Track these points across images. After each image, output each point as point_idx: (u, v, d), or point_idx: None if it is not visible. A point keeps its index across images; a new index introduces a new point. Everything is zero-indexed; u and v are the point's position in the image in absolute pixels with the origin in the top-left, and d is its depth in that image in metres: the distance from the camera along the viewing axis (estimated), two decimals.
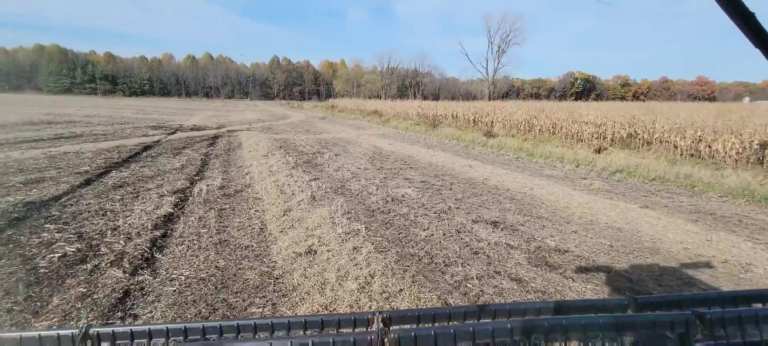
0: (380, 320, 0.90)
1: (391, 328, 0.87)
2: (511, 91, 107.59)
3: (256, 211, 5.80)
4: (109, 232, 4.71)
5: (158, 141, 13.95)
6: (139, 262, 3.94)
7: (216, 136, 16.18)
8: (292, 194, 6.54)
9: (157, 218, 5.25)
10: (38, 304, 3.13)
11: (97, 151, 11.12)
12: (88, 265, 3.80)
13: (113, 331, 0.87)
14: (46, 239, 4.42)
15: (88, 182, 7.32)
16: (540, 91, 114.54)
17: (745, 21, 0.71)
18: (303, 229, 4.93)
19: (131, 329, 0.87)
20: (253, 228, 5.07)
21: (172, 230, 4.92)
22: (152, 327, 0.88)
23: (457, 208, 6.17)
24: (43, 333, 0.83)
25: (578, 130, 17.09)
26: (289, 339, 0.79)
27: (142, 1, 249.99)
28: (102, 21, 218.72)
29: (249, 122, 25.33)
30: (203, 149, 12.32)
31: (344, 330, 0.93)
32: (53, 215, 5.25)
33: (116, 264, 3.85)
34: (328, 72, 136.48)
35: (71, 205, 5.76)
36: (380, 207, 6.08)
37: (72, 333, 0.84)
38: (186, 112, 36.49)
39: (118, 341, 0.87)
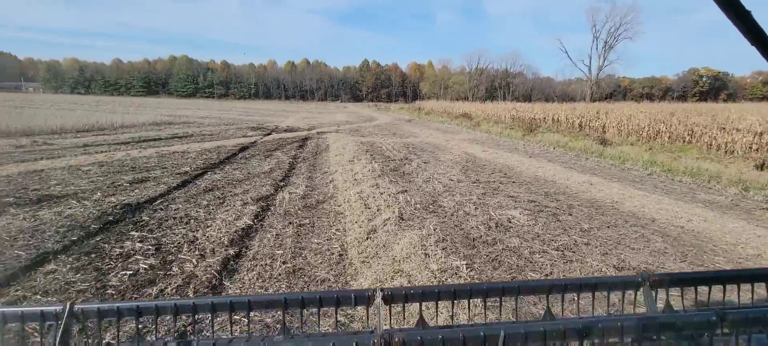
0: (381, 297, 0.91)
1: (392, 307, 0.93)
2: (616, 92, 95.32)
3: (336, 230, 5.10)
4: (186, 246, 4.38)
5: (254, 142, 14.52)
6: (205, 290, 3.42)
7: (306, 139, 16.44)
8: (378, 210, 5.73)
9: (235, 231, 4.84)
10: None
11: (200, 151, 11.79)
12: (154, 289, 3.39)
13: (98, 308, 0.87)
14: (126, 249, 4.21)
15: (184, 184, 7.46)
16: (653, 92, 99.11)
17: (742, 19, 0.70)
18: (389, 259, 4.05)
19: (118, 307, 0.88)
20: (332, 253, 4.33)
21: (246, 248, 4.43)
22: (141, 304, 0.89)
23: (586, 244, 4.72)
24: (26, 310, 0.83)
25: (728, 140, 13.58)
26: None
27: (254, 15, 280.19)
28: (221, 33, 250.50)
29: (338, 124, 25.79)
30: (293, 152, 12.36)
31: (344, 308, 1.04)
32: (142, 221, 5.17)
33: (182, 290, 3.39)
34: (415, 74, 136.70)
35: (161, 209, 5.71)
36: (482, 235, 4.92)
37: (56, 310, 0.84)
38: (283, 113, 39.02)
39: (104, 319, 0.88)
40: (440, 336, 0.78)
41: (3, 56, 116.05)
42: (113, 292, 3.33)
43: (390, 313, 1.09)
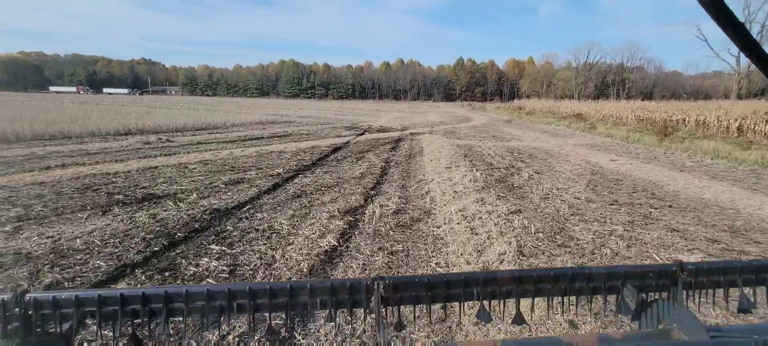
0: (381, 288, 0.88)
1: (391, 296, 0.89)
2: None
3: (436, 264, 4.03)
4: (262, 269, 3.75)
5: (347, 143, 14.25)
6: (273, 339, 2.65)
7: (399, 140, 15.70)
8: (488, 239, 4.50)
9: (317, 254, 4.09)
10: None
11: (296, 151, 11.79)
12: (213, 335, 2.73)
13: (54, 297, 0.80)
14: (201, 269, 3.73)
15: (274, 188, 7.14)
16: None
17: (736, 31, 0.70)
18: (516, 328, 2.82)
19: (76, 296, 0.81)
20: None
21: None
22: (102, 293, 0.82)
23: None
24: None
25: None
26: None
27: (353, 19, 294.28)
28: (325, 38, 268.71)
29: (431, 125, 24.72)
30: (385, 154, 11.66)
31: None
32: (225, 231, 4.77)
33: (245, 336, 2.67)
34: (512, 71, 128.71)
35: (246, 218, 5.30)
36: None
37: (3, 299, 0.78)
38: (376, 113, 39.35)
39: (62, 309, 0.81)
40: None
41: (154, 65, 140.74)
42: (172, 329, 2.75)
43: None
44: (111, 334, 0.82)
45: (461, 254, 4.17)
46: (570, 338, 0.85)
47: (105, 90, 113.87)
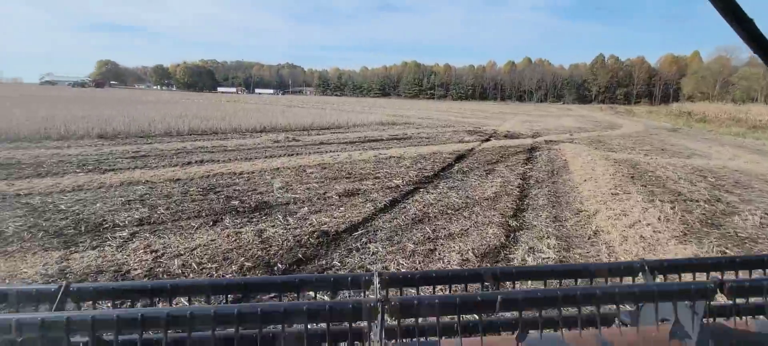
0: (378, 282, 0.90)
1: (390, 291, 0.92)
2: None
3: None
4: None
5: (471, 150, 12.63)
6: None
7: (532, 149, 13.37)
8: None
9: None
10: None
11: (415, 157, 10.71)
12: None
13: (94, 288, 0.88)
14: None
15: (392, 204, 6.08)
16: None
17: (744, 27, 0.71)
18: None
19: (114, 287, 0.88)
20: None
21: None
22: (137, 285, 0.90)
23: None
24: (22, 288, 0.82)
25: None
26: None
27: (477, 18, 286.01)
28: (446, 39, 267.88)
29: (568, 131, 21.18)
30: (519, 167, 9.71)
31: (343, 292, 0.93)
32: (330, 266, 3.80)
33: None
34: (669, 69, 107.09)
35: (356, 248, 4.28)
36: None
37: (51, 290, 0.83)
38: (500, 116, 36.31)
39: (99, 301, 0.89)
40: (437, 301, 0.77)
41: (295, 68, 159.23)
42: None
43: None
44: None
45: None
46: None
47: (256, 90, 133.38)
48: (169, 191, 6.35)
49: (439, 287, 0.98)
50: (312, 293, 0.91)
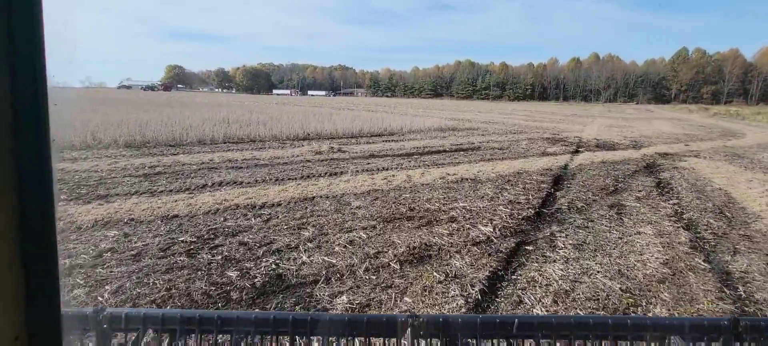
0: (410, 325, 0.89)
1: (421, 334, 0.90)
2: None
3: None
4: None
5: (565, 166, 9.59)
6: None
7: (650, 167, 9.97)
8: None
9: None
10: None
11: (495, 178, 7.97)
12: None
13: (125, 314, 0.93)
14: None
15: (491, 286, 3.47)
16: None
17: None
18: None
19: (144, 313, 0.93)
20: None
21: None
22: (166, 313, 0.94)
23: None
24: (64, 311, 0.75)
25: None
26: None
27: (536, 14, 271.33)
28: (503, 37, 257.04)
29: (675, 139, 17.02)
30: (656, 200, 6.64)
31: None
32: None
33: None
34: None
35: None
36: None
37: (88, 312, 0.90)
38: (573, 118, 31.89)
39: (129, 325, 0.93)
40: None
41: (347, 70, 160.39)
42: None
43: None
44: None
45: None
46: None
47: (309, 92, 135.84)
48: (148, 242, 4.25)
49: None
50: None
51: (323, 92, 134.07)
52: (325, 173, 8.17)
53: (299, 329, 0.92)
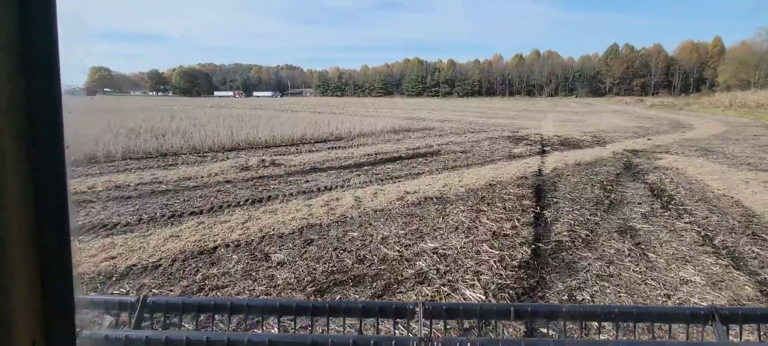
0: (422, 311, 0.95)
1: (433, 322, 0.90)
2: None
3: None
4: None
5: (539, 172, 8.26)
6: None
7: (629, 169, 8.91)
8: None
9: None
10: None
11: (466, 196, 6.35)
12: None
13: (167, 302, 1.03)
14: None
15: None
16: None
17: None
18: None
19: (183, 302, 1.03)
20: None
21: None
22: (202, 301, 1.05)
23: None
24: (108, 298, 0.98)
25: None
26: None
27: (480, 12, 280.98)
28: (449, 34, 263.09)
29: (633, 133, 16.68)
30: (661, 215, 5.34)
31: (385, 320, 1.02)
32: None
33: None
34: (688, 58, 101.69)
35: None
36: None
37: (131, 300, 0.98)
38: (526, 113, 31.80)
39: (169, 313, 1.03)
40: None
41: (294, 70, 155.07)
42: None
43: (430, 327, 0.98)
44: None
45: None
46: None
47: (254, 93, 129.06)
48: None
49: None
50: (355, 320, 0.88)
51: (269, 93, 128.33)
52: (246, 201, 6.05)
53: (318, 315, 1.05)
